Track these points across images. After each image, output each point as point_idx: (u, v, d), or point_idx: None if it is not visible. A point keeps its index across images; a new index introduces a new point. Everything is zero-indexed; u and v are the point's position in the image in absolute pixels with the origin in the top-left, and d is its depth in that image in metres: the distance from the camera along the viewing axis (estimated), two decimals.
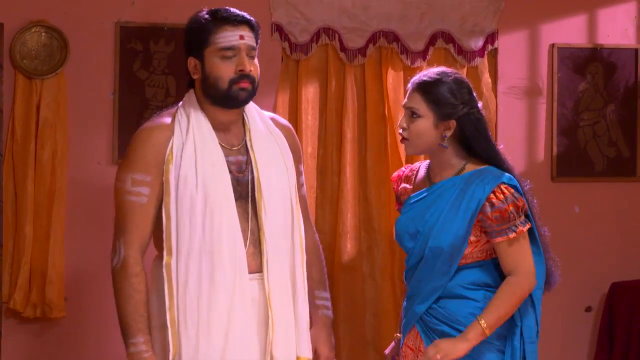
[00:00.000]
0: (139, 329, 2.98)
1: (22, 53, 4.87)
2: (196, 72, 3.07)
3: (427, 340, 3.31)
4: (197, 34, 3.04)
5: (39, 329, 4.92)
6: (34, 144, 4.84)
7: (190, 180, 2.99)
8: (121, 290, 3.00)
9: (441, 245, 3.25)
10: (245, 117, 3.17)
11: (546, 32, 5.33)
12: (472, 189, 3.24)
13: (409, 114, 3.29)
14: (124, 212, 3.03)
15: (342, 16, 5.16)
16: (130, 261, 3.00)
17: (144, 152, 3.02)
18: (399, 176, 3.50)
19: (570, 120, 5.34)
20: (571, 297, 5.36)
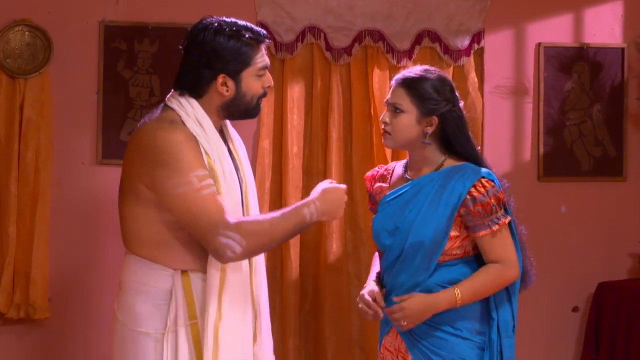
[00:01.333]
0: (297, 213, 3.03)
1: (6, 52, 4.95)
2: (227, 90, 3.10)
3: (406, 340, 3.40)
4: (239, 55, 3.08)
5: (23, 330, 5.00)
6: (18, 144, 4.92)
7: (223, 190, 3.06)
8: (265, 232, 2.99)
9: (422, 240, 3.34)
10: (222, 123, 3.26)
11: (532, 31, 5.43)
12: (452, 184, 3.35)
13: (392, 109, 3.40)
14: (203, 207, 2.97)
15: (328, 15, 5.25)
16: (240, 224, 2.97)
17: (193, 151, 3.02)
18: (373, 176, 3.62)
19: (556, 120, 5.45)
20: (558, 297, 5.46)
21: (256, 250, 3.05)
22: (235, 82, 3.10)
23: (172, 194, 2.98)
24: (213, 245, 2.97)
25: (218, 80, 3.09)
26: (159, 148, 3.00)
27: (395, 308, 3.32)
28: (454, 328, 3.39)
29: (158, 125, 3.05)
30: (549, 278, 5.45)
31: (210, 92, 3.11)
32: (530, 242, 5.33)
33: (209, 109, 3.12)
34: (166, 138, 3.00)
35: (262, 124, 5.21)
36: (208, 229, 2.96)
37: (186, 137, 3.03)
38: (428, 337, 3.39)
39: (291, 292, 5.19)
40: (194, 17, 5.10)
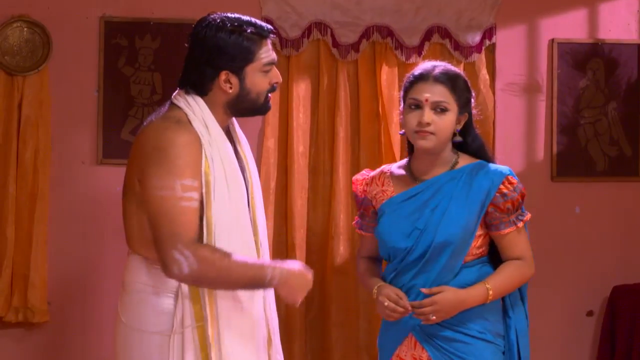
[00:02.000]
0: (260, 267, 3.01)
1: (4, 49, 4.93)
2: (231, 86, 3.09)
3: (430, 348, 3.35)
4: (241, 50, 3.07)
5: (22, 334, 4.98)
6: (16, 142, 4.89)
7: (224, 194, 3.06)
8: (219, 273, 2.97)
9: (450, 239, 3.32)
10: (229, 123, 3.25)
11: (545, 26, 5.37)
12: (478, 181, 3.33)
13: (434, 108, 3.32)
14: (175, 218, 2.98)
15: (335, 10, 5.20)
16: (200, 250, 2.97)
17: (190, 157, 3.01)
18: (365, 180, 3.54)
19: (570, 118, 5.39)
20: (572, 301, 5.41)
21: (203, 281, 3.00)
22: (239, 79, 3.08)
23: (153, 193, 2.98)
24: (164, 255, 2.97)
25: (221, 77, 3.07)
26: (159, 146, 3.00)
27: (427, 302, 3.28)
28: (479, 332, 3.36)
29: (164, 124, 3.05)
30: (563, 281, 5.41)
31: (215, 90, 3.09)
32: (543, 244, 5.32)
33: (215, 106, 3.11)
34: (169, 138, 3.00)
35: (267, 122, 5.16)
36: (168, 238, 2.96)
37: (189, 139, 3.02)
38: (453, 343, 3.34)
39: None
40: (196, 12, 5.07)
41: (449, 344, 3.34)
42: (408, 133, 3.39)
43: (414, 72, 3.43)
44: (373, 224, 3.53)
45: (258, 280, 3.02)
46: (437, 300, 3.28)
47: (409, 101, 3.37)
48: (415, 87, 3.36)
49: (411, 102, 3.36)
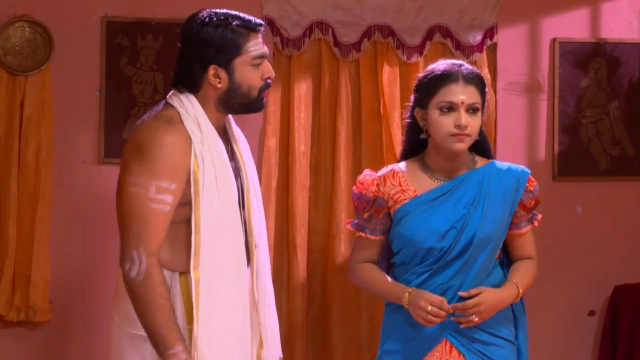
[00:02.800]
0: (176, 338, 3.00)
1: (6, 49, 4.98)
2: (219, 81, 3.09)
3: (469, 353, 3.34)
4: (227, 43, 3.08)
5: (23, 333, 5.03)
6: (18, 142, 4.95)
7: (213, 193, 3.06)
8: (149, 302, 2.99)
9: (490, 236, 3.33)
10: (225, 121, 3.26)
11: (547, 26, 5.41)
12: (509, 180, 3.37)
13: (468, 110, 3.30)
14: (144, 219, 3.00)
15: (336, 10, 5.25)
16: (155, 270, 3.01)
17: (172, 159, 3.02)
18: (375, 180, 3.44)
19: (572, 118, 5.44)
20: (574, 300, 5.46)
21: (133, 293, 3.01)
22: (228, 73, 3.09)
23: (128, 189, 3.02)
24: (124, 250, 3.01)
25: (209, 72, 3.09)
26: (144, 144, 3.03)
27: (471, 303, 3.27)
28: (510, 334, 3.40)
29: (154, 123, 3.08)
30: (565, 281, 5.45)
31: (205, 86, 3.11)
32: (545, 244, 5.36)
33: (207, 103, 3.13)
34: (155, 138, 3.03)
35: (269, 121, 5.22)
36: (135, 237, 3.00)
37: (175, 141, 3.04)
38: (489, 346, 3.36)
39: (298, 295, 5.19)
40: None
41: (486, 347, 3.34)
42: (440, 136, 3.32)
43: (435, 72, 3.37)
44: (382, 226, 3.45)
45: (163, 343, 2.99)
46: (481, 300, 3.27)
47: (441, 104, 3.30)
48: (446, 89, 3.31)
49: (443, 105, 3.30)
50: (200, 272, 3.05)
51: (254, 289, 3.20)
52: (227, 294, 3.09)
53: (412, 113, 3.44)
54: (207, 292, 3.05)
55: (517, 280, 3.37)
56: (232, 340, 3.10)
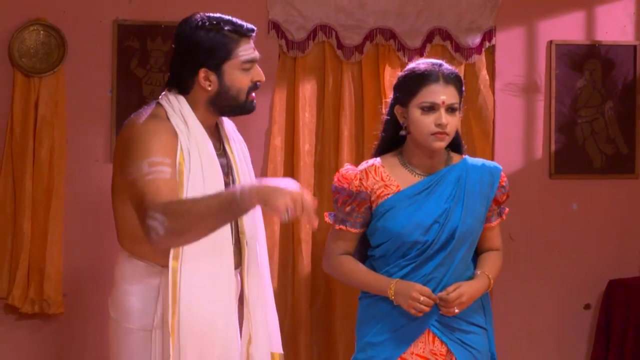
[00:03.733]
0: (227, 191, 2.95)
1: (21, 51, 5.13)
2: (209, 84, 3.15)
3: (451, 342, 3.47)
4: (217, 47, 3.13)
5: (38, 325, 5.18)
6: (32, 141, 5.08)
7: (199, 187, 3.09)
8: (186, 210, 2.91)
9: (471, 230, 3.47)
10: (217, 120, 3.32)
11: (544, 28, 5.54)
12: (484, 176, 3.51)
13: (447, 109, 3.42)
14: (144, 192, 2.96)
15: (339, 14, 5.40)
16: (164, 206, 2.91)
17: (158, 139, 3.04)
18: (357, 174, 3.53)
19: (568, 117, 5.56)
20: (569, 295, 5.58)
21: (181, 232, 2.93)
22: (218, 76, 3.15)
23: (128, 180, 3.03)
24: (144, 229, 2.95)
25: (200, 75, 3.15)
26: (132, 138, 3.07)
27: (454, 295, 3.41)
28: (479, 321, 3.54)
29: (139, 119, 3.14)
30: (560, 275, 5.58)
31: (195, 88, 3.17)
32: (541, 239, 5.53)
33: (197, 105, 3.18)
34: (141, 129, 3.07)
35: (274, 121, 5.37)
36: (143, 212, 2.96)
37: (160, 129, 3.07)
38: (468, 335, 3.50)
39: (302, 289, 5.34)
40: None
41: (465, 335, 3.48)
42: (421, 135, 3.41)
43: (416, 71, 3.46)
44: (362, 219, 3.52)
45: (229, 203, 2.88)
46: (462, 292, 3.40)
47: (423, 104, 3.40)
48: (427, 89, 3.41)
49: (425, 105, 3.40)
50: (183, 264, 3.06)
51: (245, 285, 3.25)
52: (209, 287, 3.11)
53: (392, 110, 3.53)
54: (188, 284, 3.07)
55: (488, 272, 3.51)
56: (213, 333, 3.12)
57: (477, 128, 5.51)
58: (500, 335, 5.43)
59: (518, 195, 5.50)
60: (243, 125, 5.29)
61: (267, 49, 5.33)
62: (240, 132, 5.29)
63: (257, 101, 3.48)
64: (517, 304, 5.53)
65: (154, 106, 3.22)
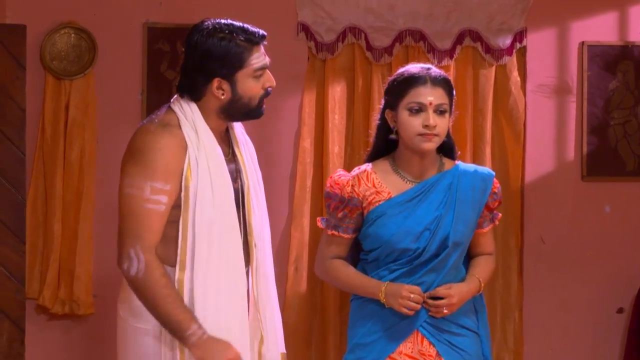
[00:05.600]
0: (190, 319, 3.11)
1: (52, 54, 5.21)
2: (223, 92, 3.21)
3: (439, 344, 3.53)
4: (230, 57, 3.19)
5: (69, 326, 5.26)
6: (63, 143, 5.16)
7: (207, 197, 3.18)
8: (155, 295, 3.11)
9: (461, 239, 3.51)
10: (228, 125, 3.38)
11: (576, 29, 5.53)
12: (477, 182, 3.53)
13: (436, 111, 3.49)
14: (139, 219, 3.12)
15: (368, 15, 5.43)
16: (154, 264, 3.12)
17: (165, 160, 3.14)
18: (349, 180, 3.61)
19: (600, 119, 5.55)
20: (601, 298, 5.56)
21: (138, 291, 3.15)
22: (231, 85, 3.21)
23: (124, 190, 3.17)
24: (122, 249, 3.14)
25: (213, 84, 3.21)
26: (138, 147, 3.18)
27: (443, 295, 3.47)
28: (474, 324, 3.58)
29: (151, 127, 3.22)
30: (593, 279, 5.56)
31: (208, 96, 3.23)
32: (573, 242, 5.51)
33: (208, 112, 3.24)
34: (149, 141, 3.16)
35: (304, 123, 5.41)
36: (131, 236, 3.13)
37: (171, 143, 3.16)
38: (456, 337, 3.55)
39: (331, 291, 5.36)
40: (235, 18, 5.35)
41: (453, 337, 3.53)
42: (409, 136, 3.49)
43: (405, 75, 3.56)
44: (354, 225, 3.60)
45: (179, 328, 3.11)
46: (452, 294, 3.46)
47: (410, 105, 3.49)
48: (415, 91, 3.50)
49: (412, 106, 3.48)
50: (195, 272, 3.16)
51: (253, 287, 3.31)
52: (223, 293, 3.18)
53: (382, 114, 3.59)
54: (201, 291, 3.16)
55: (479, 275, 3.55)
56: (229, 338, 3.18)
57: (508, 130, 5.51)
58: (533, 337, 5.47)
59: (549, 197, 5.52)
60: (272, 127, 5.40)
61: (296, 51, 5.39)
62: (270, 134, 5.41)
63: (286, 104, 3.56)
64: (550, 307, 5.52)
65: (164, 111, 3.28)
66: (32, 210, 5.17)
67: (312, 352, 5.42)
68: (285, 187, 5.42)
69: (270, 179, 5.39)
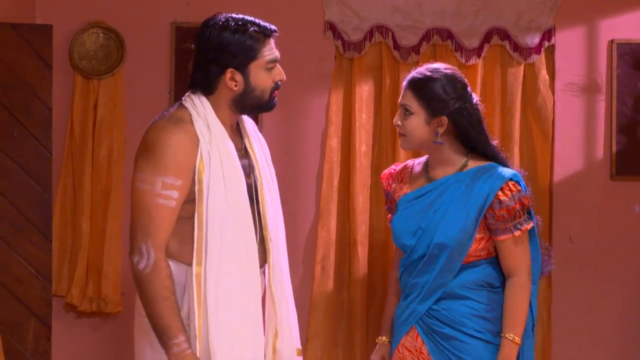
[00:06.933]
0: (179, 329, 3.16)
1: (81, 54, 5.26)
2: (236, 84, 3.26)
3: (429, 343, 3.53)
4: (244, 48, 3.24)
5: (97, 323, 5.30)
6: (91, 142, 5.21)
7: (220, 191, 3.21)
8: (156, 294, 3.17)
9: (447, 241, 3.48)
10: (238, 119, 3.42)
11: (605, 27, 5.49)
12: (480, 185, 3.48)
13: (403, 111, 3.57)
14: (151, 214, 3.17)
15: (395, 14, 5.42)
16: (163, 264, 3.17)
17: (176, 156, 3.18)
18: (390, 174, 3.74)
19: (629, 118, 5.51)
20: (630, 298, 5.51)
21: (140, 285, 3.21)
22: (244, 76, 3.26)
23: (136, 185, 3.21)
24: (134, 243, 3.20)
25: (227, 75, 3.26)
26: (151, 144, 3.22)
27: None
28: (477, 331, 3.51)
29: (163, 123, 3.26)
30: (622, 278, 5.52)
31: (221, 88, 3.28)
32: (602, 242, 5.46)
33: (220, 105, 3.29)
34: (161, 138, 3.20)
35: (331, 122, 5.41)
36: (142, 231, 3.18)
37: (182, 139, 3.20)
38: (451, 340, 3.52)
39: (358, 290, 5.37)
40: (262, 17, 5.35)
41: (447, 341, 3.50)
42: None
43: None
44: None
45: (166, 334, 3.16)
46: None
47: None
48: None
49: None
50: (208, 266, 3.19)
51: (270, 282, 3.35)
52: (236, 288, 3.22)
53: None
54: (214, 286, 3.19)
55: (507, 331, 3.48)
56: (242, 332, 3.22)
57: (537, 128, 5.48)
58: (562, 337, 5.44)
59: (578, 197, 5.48)
60: (299, 126, 5.41)
61: (323, 49, 5.39)
62: (297, 133, 5.41)
63: (313, 103, 3.56)
64: (578, 306, 5.49)
65: (176, 108, 3.32)
66: (60, 208, 5.21)
67: (339, 352, 5.41)
68: (312, 187, 5.42)
69: (297, 178, 5.40)
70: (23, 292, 4.77)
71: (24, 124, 4.78)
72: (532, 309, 3.60)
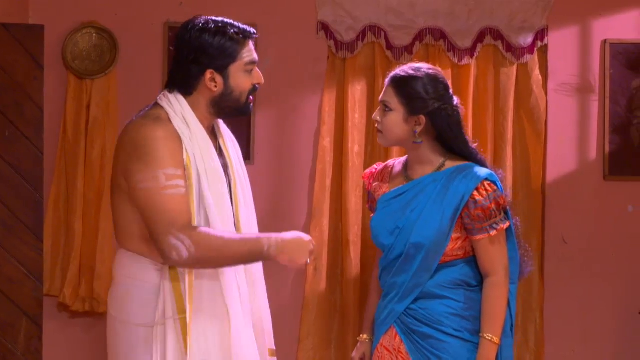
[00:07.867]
0: (256, 239, 3.15)
1: (74, 54, 5.27)
2: (215, 85, 3.25)
3: (407, 342, 3.53)
4: (224, 49, 3.24)
5: (90, 323, 5.32)
6: (84, 142, 5.23)
7: (204, 189, 3.19)
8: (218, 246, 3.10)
9: (423, 241, 3.48)
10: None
11: (598, 27, 5.50)
12: (455, 185, 3.48)
13: (382, 107, 3.58)
14: (164, 207, 3.09)
15: (388, 14, 5.43)
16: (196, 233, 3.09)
17: (168, 148, 3.14)
18: (372, 173, 3.75)
19: (623, 118, 5.51)
20: (623, 299, 5.52)
21: (203, 263, 3.13)
22: (224, 77, 3.26)
23: (138, 187, 3.13)
24: (161, 244, 3.10)
25: (206, 76, 3.25)
26: (137, 143, 3.16)
27: None
28: (455, 329, 3.51)
29: (142, 122, 3.23)
30: (615, 279, 5.52)
31: (200, 89, 3.27)
32: (595, 242, 5.46)
33: (198, 106, 3.28)
34: (145, 134, 3.16)
35: (323, 122, 5.41)
36: (162, 227, 3.10)
37: (166, 133, 3.17)
38: (428, 339, 3.52)
39: (351, 290, 5.38)
40: (255, 18, 5.36)
41: (425, 340, 3.50)
42: None
43: None
44: None
45: (256, 253, 3.17)
46: None
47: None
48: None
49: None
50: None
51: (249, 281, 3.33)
52: (222, 284, 3.21)
53: None
54: (199, 283, 3.18)
55: (484, 331, 3.49)
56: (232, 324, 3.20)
57: (530, 128, 5.48)
58: (554, 338, 5.43)
59: (571, 197, 5.48)
60: (292, 126, 5.41)
61: (316, 50, 5.39)
62: (290, 133, 5.42)
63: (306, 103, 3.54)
64: (571, 307, 5.49)
65: (152, 107, 3.31)
66: (53, 208, 5.22)
67: (332, 352, 5.42)
68: (304, 187, 5.43)
69: (290, 178, 5.41)
70: (15, 292, 4.77)
71: (16, 124, 4.78)
72: (511, 309, 3.59)
